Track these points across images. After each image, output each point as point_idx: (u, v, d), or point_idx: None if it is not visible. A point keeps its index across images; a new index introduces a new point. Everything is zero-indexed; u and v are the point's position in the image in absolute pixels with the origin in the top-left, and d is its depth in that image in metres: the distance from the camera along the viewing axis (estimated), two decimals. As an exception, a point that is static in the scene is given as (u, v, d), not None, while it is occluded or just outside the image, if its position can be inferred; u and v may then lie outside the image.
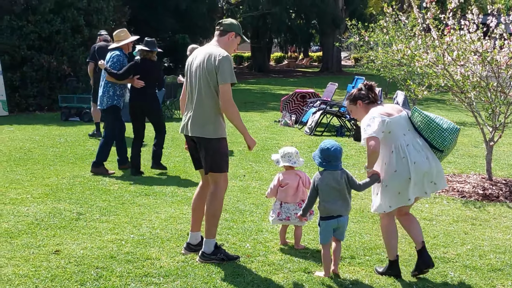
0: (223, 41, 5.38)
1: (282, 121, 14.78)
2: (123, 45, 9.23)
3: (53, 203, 7.06)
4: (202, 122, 5.20)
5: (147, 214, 6.70)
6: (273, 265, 5.21)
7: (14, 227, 6.03)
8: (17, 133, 12.79)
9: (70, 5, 18.39)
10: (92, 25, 19.15)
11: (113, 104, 9.02)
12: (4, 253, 5.23)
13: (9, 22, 17.35)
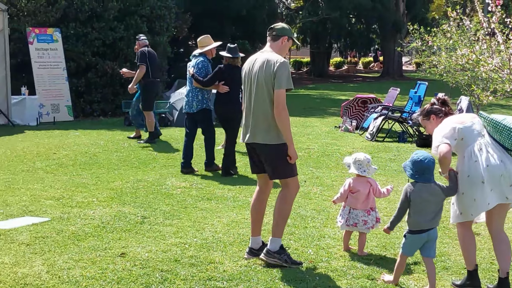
0: (276, 46, 5.45)
1: (342, 126, 14.70)
2: (207, 50, 9.49)
3: (118, 207, 7.20)
4: (265, 129, 5.25)
5: (209, 218, 6.76)
6: (336, 271, 5.18)
7: (81, 230, 6.17)
8: (82, 138, 13.07)
9: (133, 12, 18.74)
10: (154, 32, 19.47)
11: (203, 108, 9.44)
12: (72, 255, 5.35)
13: (75, 29, 17.78)
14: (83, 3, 17.72)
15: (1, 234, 5.91)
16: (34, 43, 16.62)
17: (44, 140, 12.76)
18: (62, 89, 16.94)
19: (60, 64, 17.02)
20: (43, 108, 16.40)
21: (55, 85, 16.84)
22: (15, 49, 16.83)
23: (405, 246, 4.90)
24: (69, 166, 9.85)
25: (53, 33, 17.01)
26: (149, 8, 19.16)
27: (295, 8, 41.65)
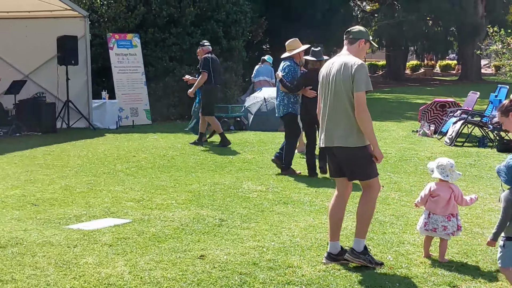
0: (354, 49, 5.44)
1: (420, 131, 14.46)
2: (295, 54, 9.52)
3: (196, 209, 7.29)
4: (345, 133, 5.25)
5: (286, 223, 6.76)
6: (416, 277, 5.09)
7: (161, 231, 6.28)
8: (160, 141, 13.31)
9: (209, 17, 18.99)
10: (230, 37, 19.66)
11: (289, 112, 9.52)
12: (153, 257, 5.44)
13: (153, 35, 18.14)
14: (162, 9, 18.07)
15: (84, 234, 6.08)
16: (114, 49, 17.05)
17: (124, 143, 13.07)
18: (140, 93, 17.32)
19: (139, 68, 17.40)
20: (122, 112, 16.79)
21: (134, 89, 17.23)
22: (96, 54, 17.31)
23: (505, 256, 4.59)
24: (148, 169, 10.05)
25: (132, 39, 17.41)
26: (225, 13, 19.36)
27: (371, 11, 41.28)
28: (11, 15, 16.35)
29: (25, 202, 7.55)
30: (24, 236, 5.99)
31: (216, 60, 12.60)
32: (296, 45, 9.64)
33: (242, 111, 16.37)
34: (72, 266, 5.17)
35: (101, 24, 17.75)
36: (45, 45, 15.99)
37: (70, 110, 15.67)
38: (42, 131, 14.68)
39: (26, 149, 11.94)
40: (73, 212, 7.03)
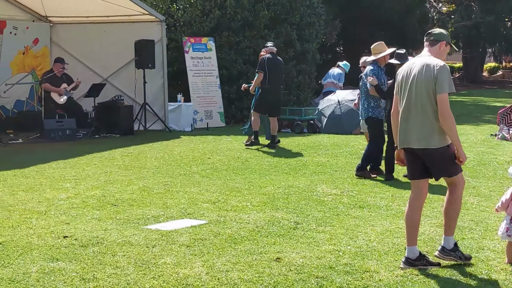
0: (434, 51, 5.44)
1: (499, 134, 14.09)
2: (380, 58, 9.46)
3: (271, 212, 7.32)
4: (427, 134, 5.26)
5: (362, 227, 6.71)
6: (496, 284, 4.98)
7: (237, 233, 6.33)
8: (234, 143, 13.43)
9: (284, 20, 19.02)
10: (304, 39, 19.65)
11: (369, 116, 9.56)
12: (229, 258, 5.50)
13: (227, 38, 18.30)
14: (236, 12, 18.21)
15: (162, 235, 6.19)
16: (189, 52, 17.29)
17: (199, 145, 13.24)
18: (215, 96, 17.50)
19: (213, 72, 17.59)
20: (197, 114, 17.01)
21: (208, 92, 17.43)
22: (171, 58, 17.59)
23: None
24: (223, 171, 10.15)
25: (207, 42, 17.62)
26: (299, 16, 19.36)
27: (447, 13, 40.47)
28: (90, 20, 16.81)
29: (105, 202, 7.74)
30: (105, 236, 6.15)
31: (275, 61, 12.75)
32: (382, 49, 9.54)
33: (316, 114, 16.33)
34: (151, 266, 5.28)
35: (177, 28, 18.03)
36: (123, 49, 16.35)
37: (147, 112, 15.98)
38: (120, 133, 15.03)
39: (105, 150, 12.25)
40: (151, 213, 7.17)
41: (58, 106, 14.98)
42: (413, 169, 5.50)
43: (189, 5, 17.92)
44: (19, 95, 16.51)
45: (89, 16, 16.64)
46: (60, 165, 10.60)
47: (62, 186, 8.74)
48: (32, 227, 6.47)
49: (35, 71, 16.83)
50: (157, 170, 10.17)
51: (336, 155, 11.84)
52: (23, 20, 16.73)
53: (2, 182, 9.00)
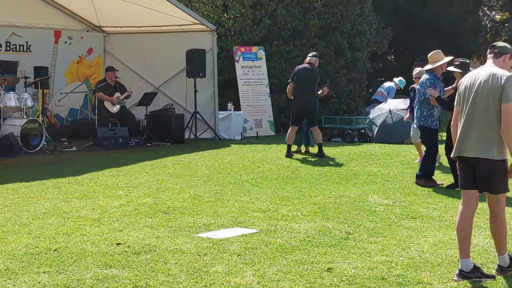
0: (499, 63, 5.43)
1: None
2: (437, 67, 9.38)
3: (321, 221, 7.29)
4: (487, 144, 5.22)
5: (415, 238, 6.63)
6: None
7: (288, 242, 6.32)
8: (283, 152, 13.37)
9: (334, 29, 18.99)
10: (355, 48, 19.56)
11: (421, 125, 9.53)
12: (280, 268, 5.49)
13: (277, 47, 18.34)
14: (286, 21, 18.24)
15: (214, 243, 6.22)
16: (240, 61, 17.39)
17: (249, 153, 13.28)
18: (264, 104, 17.56)
19: (263, 81, 17.66)
20: (247, 123, 17.07)
21: (258, 101, 17.50)
22: (222, 67, 17.72)
23: None
24: (273, 180, 10.15)
25: (257, 51, 17.70)
26: (350, 24, 19.30)
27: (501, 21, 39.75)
28: (143, 30, 17.07)
29: (156, 210, 7.83)
30: (157, 243, 6.21)
31: (304, 70, 12.78)
32: (439, 57, 9.45)
33: (367, 123, 16.22)
34: (203, 274, 5.31)
35: (227, 38, 18.16)
36: (175, 58, 16.55)
37: (198, 121, 16.11)
38: (171, 141, 15.19)
39: (157, 158, 12.40)
40: (202, 221, 7.21)
41: (111, 115, 15.23)
42: (465, 178, 5.45)
43: (240, 14, 18.03)
44: (73, 103, 16.88)
45: (142, 26, 16.90)
46: (113, 172, 10.76)
47: (115, 194, 8.88)
48: (86, 234, 6.58)
49: (89, 80, 17.19)
50: (207, 178, 10.23)
51: (388, 165, 11.73)
52: (78, 30, 17.11)
53: (57, 190, 9.18)
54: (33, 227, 6.86)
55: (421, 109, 9.52)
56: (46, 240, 6.30)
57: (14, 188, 9.21)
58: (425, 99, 9.46)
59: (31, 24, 15.98)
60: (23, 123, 13.15)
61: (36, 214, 7.54)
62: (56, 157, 12.89)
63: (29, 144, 13.26)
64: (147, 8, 15.41)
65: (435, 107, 9.55)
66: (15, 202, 8.25)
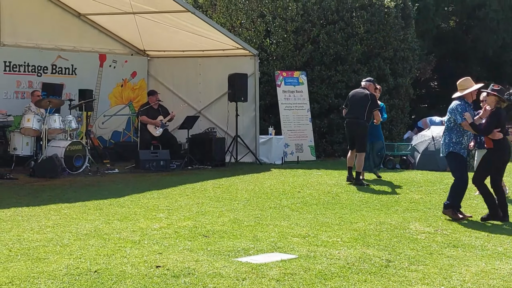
0: None
1: None
2: (467, 94, 9.19)
3: (362, 248, 7.21)
4: None
5: (456, 266, 6.51)
6: None
7: (327, 269, 6.27)
8: (324, 178, 13.37)
9: (377, 55, 18.95)
10: (397, 74, 19.48)
11: (450, 151, 9.22)
12: (319, 294, 5.45)
13: (319, 72, 18.37)
14: (329, 47, 18.28)
15: (253, 268, 6.20)
16: (281, 86, 17.46)
17: (289, 178, 13.26)
18: (306, 129, 17.55)
19: (304, 105, 17.67)
20: (287, 147, 17.08)
21: (299, 125, 17.50)
22: (264, 91, 17.81)
23: None
24: (313, 205, 10.11)
25: (299, 76, 17.75)
26: (392, 50, 19.25)
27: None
28: (186, 54, 17.26)
29: (196, 233, 7.84)
30: (196, 267, 6.21)
31: (354, 94, 12.83)
32: (468, 84, 9.29)
33: (409, 150, 16.08)
34: (241, 299, 5.29)
35: (269, 62, 18.25)
36: (217, 82, 16.70)
37: (239, 145, 16.17)
38: (212, 165, 15.26)
39: (197, 182, 12.46)
40: (241, 245, 7.20)
41: (154, 138, 15.41)
42: None
43: (282, 39, 18.13)
44: (117, 126, 17.11)
45: (185, 50, 17.09)
46: (154, 195, 10.85)
47: (155, 216, 8.93)
48: (126, 256, 6.63)
49: (132, 103, 17.42)
50: (247, 203, 10.24)
51: (430, 192, 11.59)
52: (123, 54, 17.39)
53: (99, 211, 9.28)
54: (74, 248, 6.94)
55: (450, 136, 9.22)
56: (87, 261, 6.36)
57: (57, 209, 9.34)
58: (456, 125, 9.18)
59: (77, 47, 16.30)
60: (67, 144, 13.37)
61: (78, 235, 7.62)
62: (99, 179, 13.05)
63: (72, 165, 13.47)
64: (191, 33, 15.61)
65: (465, 134, 9.24)
66: (57, 223, 8.36)
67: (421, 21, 24.34)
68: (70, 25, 16.17)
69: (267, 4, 18.31)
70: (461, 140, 9.24)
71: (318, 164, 16.35)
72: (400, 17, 19.70)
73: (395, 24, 19.28)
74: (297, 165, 16.03)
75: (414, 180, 13.24)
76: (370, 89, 12.77)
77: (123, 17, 15.58)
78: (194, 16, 14.61)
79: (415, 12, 21.31)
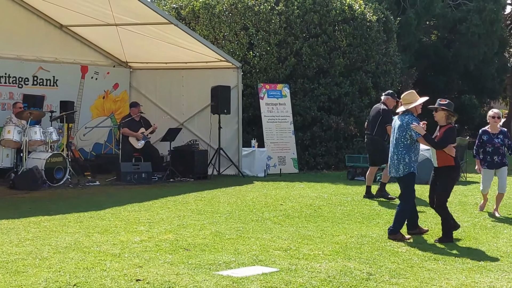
0: None
1: None
2: (411, 108, 8.74)
3: (343, 261, 7.21)
4: None
5: (437, 280, 6.52)
6: None
7: (308, 282, 6.25)
8: (307, 190, 13.37)
9: (359, 68, 19.04)
10: (379, 87, 19.56)
11: (411, 172, 8.65)
12: (300, 307, 5.43)
13: (302, 85, 18.42)
14: (311, 60, 18.34)
15: (233, 281, 6.17)
16: (264, 98, 17.49)
17: (272, 191, 13.25)
18: (288, 142, 17.57)
19: (287, 118, 17.70)
20: (270, 160, 17.08)
21: (282, 138, 17.52)
22: (247, 104, 17.81)
23: None
24: (295, 218, 10.09)
25: (282, 89, 17.79)
26: (374, 64, 19.35)
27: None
28: (169, 66, 17.25)
29: (177, 246, 7.80)
30: (176, 280, 6.17)
31: (371, 110, 12.93)
32: (413, 98, 8.81)
33: (391, 163, 16.11)
34: (221, 313, 5.26)
35: (252, 75, 18.27)
36: (200, 95, 16.70)
37: (221, 157, 16.14)
38: (194, 177, 15.21)
39: (179, 194, 12.41)
40: (222, 258, 7.17)
41: (135, 150, 15.35)
42: None
43: (265, 52, 18.16)
44: (98, 138, 17.04)
45: (168, 62, 17.09)
46: (135, 208, 10.79)
47: (136, 229, 8.88)
48: (106, 269, 6.57)
49: (114, 114, 17.36)
50: (229, 215, 10.21)
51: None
52: (105, 65, 17.34)
53: (79, 224, 9.21)
54: (53, 261, 6.87)
55: (409, 155, 8.59)
56: (66, 274, 6.30)
57: (37, 222, 9.26)
58: (413, 142, 8.62)
59: (58, 59, 16.24)
60: (47, 156, 13.29)
61: (57, 248, 7.56)
62: (79, 191, 12.96)
63: (53, 177, 13.38)
64: (174, 45, 15.60)
65: (418, 151, 8.74)
66: (37, 235, 8.28)
67: (403, 35, 24.53)
68: (52, 37, 16.10)
69: (250, 17, 18.36)
70: (417, 158, 8.79)
71: (301, 176, 16.35)
72: (382, 31, 19.83)
73: (377, 38, 19.40)
74: (280, 178, 16.02)
75: (395, 193, 13.24)
76: (388, 103, 12.42)
77: (106, 29, 15.53)
78: (177, 28, 14.61)
79: (397, 26, 21.45)
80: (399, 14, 24.40)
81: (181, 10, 19.25)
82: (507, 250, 8.00)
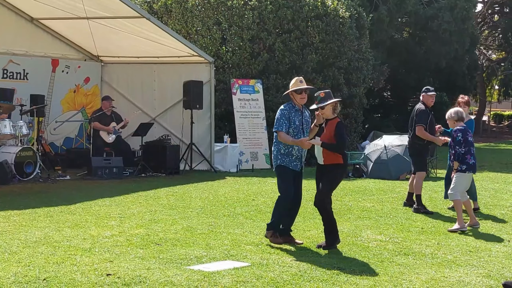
0: None
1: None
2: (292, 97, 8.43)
3: (314, 256, 7.25)
4: None
5: (407, 274, 6.58)
6: None
7: (280, 276, 6.27)
8: (278, 186, 13.37)
9: (331, 64, 19.09)
10: (351, 83, 19.67)
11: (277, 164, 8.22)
12: (271, 302, 5.45)
13: (275, 81, 18.42)
14: (284, 55, 18.35)
15: (205, 276, 6.17)
16: (237, 94, 17.45)
17: (244, 186, 13.25)
18: (261, 137, 17.55)
19: (260, 114, 17.69)
20: (243, 155, 17.06)
21: (255, 134, 17.50)
22: (219, 99, 17.76)
23: None
24: (267, 213, 10.08)
25: (255, 84, 17.77)
26: (347, 60, 19.42)
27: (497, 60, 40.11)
28: (140, 60, 17.13)
29: (148, 241, 7.77)
30: (147, 275, 6.15)
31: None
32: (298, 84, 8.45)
33: (362, 158, 16.23)
34: (192, 307, 5.25)
35: (225, 70, 18.23)
36: (172, 89, 16.62)
37: (193, 152, 16.09)
38: (166, 173, 15.15)
39: (151, 189, 12.36)
40: (194, 253, 7.16)
41: (106, 144, 15.24)
42: None
43: (238, 47, 18.13)
44: (69, 132, 16.87)
45: (140, 56, 16.96)
46: (106, 202, 10.72)
47: (107, 224, 8.82)
48: (76, 264, 6.52)
49: (85, 109, 17.21)
50: (201, 210, 10.19)
51: (382, 200, 11.71)
52: (76, 59, 17.16)
53: (49, 218, 9.12)
54: (23, 256, 6.81)
55: (279, 147, 8.08)
56: (36, 269, 6.25)
57: (6, 216, 9.16)
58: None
59: (29, 52, 16.03)
60: (17, 150, 13.13)
61: (27, 242, 7.48)
62: (49, 186, 12.84)
63: (23, 172, 13.22)
64: (146, 39, 15.49)
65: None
66: (6, 230, 8.20)
67: (375, 31, 24.67)
68: (23, 29, 15.88)
69: (223, 12, 18.30)
70: (292, 151, 8.10)
71: (273, 172, 16.22)
72: (355, 27, 19.91)
73: (350, 34, 19.46)
74: (252, 173, 16.03)
75: (366, 188, 13.36)
76: (425, 100, 10.97)
77: (77, 22, 15.36)
78: (149, 22, 14.51)
79: (369, 22, 21.56)
80: (371, 11, 24.52)
81: (153, 4, 19.11)
82: (476, 245, 8.09)
